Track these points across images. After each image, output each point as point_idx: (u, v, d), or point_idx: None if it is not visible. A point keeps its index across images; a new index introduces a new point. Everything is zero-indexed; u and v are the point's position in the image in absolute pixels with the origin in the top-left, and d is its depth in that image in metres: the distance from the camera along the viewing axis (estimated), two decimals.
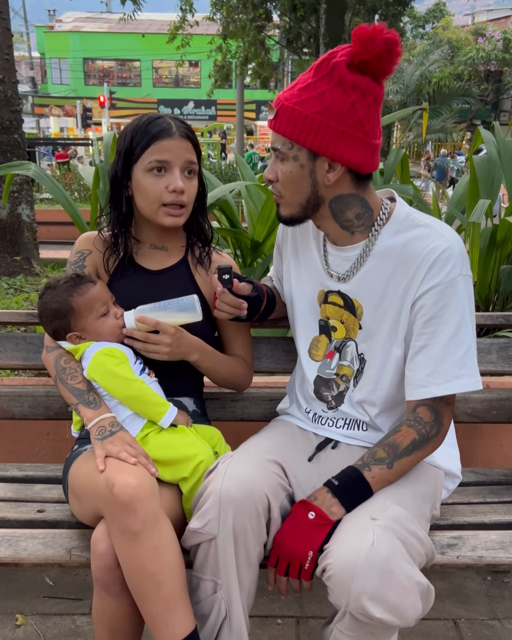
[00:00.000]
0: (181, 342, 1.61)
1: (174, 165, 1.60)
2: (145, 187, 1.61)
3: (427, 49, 27.23)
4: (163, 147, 1.58)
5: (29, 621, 2.03)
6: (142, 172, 1.60)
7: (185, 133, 1.62)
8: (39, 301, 1.66)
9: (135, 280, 1.72)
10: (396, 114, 3.78)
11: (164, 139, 1.58)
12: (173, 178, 1.59)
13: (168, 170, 1.60)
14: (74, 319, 1.61)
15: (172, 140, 1.59)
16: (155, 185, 1.60)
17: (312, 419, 1.70)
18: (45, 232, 7.79)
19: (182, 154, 1.60)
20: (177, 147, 1.59)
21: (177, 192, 1.60)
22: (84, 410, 1.55)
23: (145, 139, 1.59)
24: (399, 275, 1.49)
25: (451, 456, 1.69)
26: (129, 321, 1.61)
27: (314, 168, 1.43)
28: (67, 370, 1.61)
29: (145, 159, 1.59)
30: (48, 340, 1.69)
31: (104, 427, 1.51)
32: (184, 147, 1.61)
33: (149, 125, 1.60)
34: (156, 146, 1.58)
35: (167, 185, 1.59)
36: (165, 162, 1.59)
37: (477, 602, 2.16)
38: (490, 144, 3.62)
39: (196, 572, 1.47)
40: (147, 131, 1.59)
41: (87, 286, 1.62)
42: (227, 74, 16.18)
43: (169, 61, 37.26)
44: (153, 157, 1.58)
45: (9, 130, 5.87)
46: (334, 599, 1.33)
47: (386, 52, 1.33)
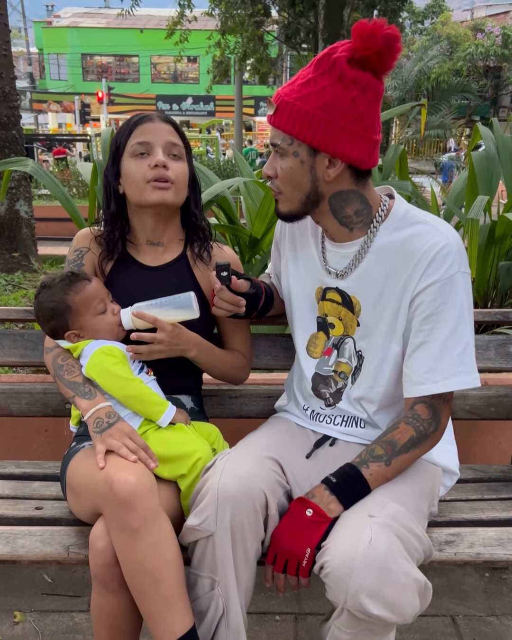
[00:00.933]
0: (179, 339, 1.61)
1: (155, 145, 1.63)
2: (130, 171, 1.64)
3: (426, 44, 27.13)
4: (143, 130, 1.64)
5: (28, 618, 2.03)
6: (128, 159, 1.64)
7: (166, 118, 1.67)
8: (35, 301, 1.66)
9: (133, 277, 1.72)
10: (394, 110, 3.77)
11: (143, 123, 1.64)
12: (154, 154, 1.62)
13: (151, 151, 1.63)
14: (71, 317, 1.60)
15: (151, 124, 1.64)
16: (138, 166, 1.63)
17: (310, 416, 1.70)
18: (44, 228, 7.78)
19: (163, 135, 1.64)
20: (158, 129, 1.64)
21: (159, 166, 1.61)
22: (79, 401, 1.54)
23: (127, 129, 1.65)
24: (398, 272, 1.48)
25: (448, 453, 1.69)
26: (126, 318, 1.61)
27: (314, 164, 1.42)
28: (64, 367, 1.61)
29: (129, 145, 1.64)
30: (47, 342, 1.69)
31: (101, 419, 1.50)
32: (165, 128, 1.65)
33: (131, 118, 1.68)
34: (137, 131, 1.64)
35: (150, 163, 1.62)
36: (146, 143, 1.62)
37: (475, 599, 2.16)
38: (488, 140, 3.61)
39: (194, 569, 1.47)
40: (127, 124, 1.66)
41: (82, 284, 1.62)
42: (226, 69, 16.15)
43: (167, 57, 37.10)
44: (135, 141, 1.63)
45: (6, 126, 5.85)
46: (332, 596, 1.33)
47: (386, 48, 1.33)
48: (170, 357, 1.64)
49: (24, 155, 6.01)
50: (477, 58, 30.08)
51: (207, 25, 18.62)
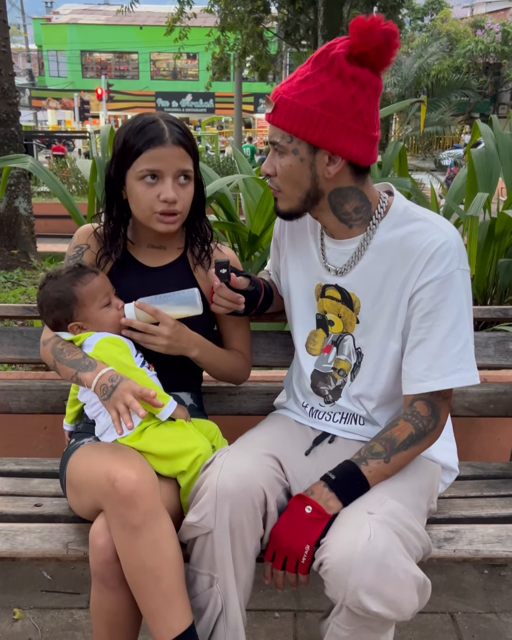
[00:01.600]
0: (180, 336, 1.61)
1: (165, 175, 1.56)
2: (137, 195, 1.58)
3: (425, 41, 27.11)
4: (154, 156, 1.53)
5: (27, 615, 2.03)
6: (135, 179, 1.57)
7: (178, 139, 1.55)
8: (39, 291, 1.65)
9: (134, 276, 1.71)
10: (393, 107, 3.77)
11: (155, 148, 1.53)
12: (165, 187, 1.55)
13: (160, 178, 1.56)
14: (76, 308, 1.60)
15: (164, 149, 1.53)
16: (146, 194, 1.57)
17: (310, 413, 1.70)
18: (43, 225, 7.76)
19: (175, 163, 1.55)
20: (170, 156, 1.54)
21: (168, 202, 1.57)
22: (83, 375, 1.51)
23: (136, 146, 1.54)
24: (397, 269, 1.48)
25: (448, 450, 1.69)
26: (130, 313, 1.61)
27: (314, 161, 1.42)
28: (64, 349, 1.59)
29: (137, 167, 1.55)
30: (44, 335, 1.68)
31: (106, 385, 1.48)
32: (177, 154, 1.55)
33: (142, 130, 1.54)
34: (147, 154, 1.53)
35: (159, 194, 1.56)
36: (156, 171, 1.55)
37: (474, 596, 2.16)
38: (488, 137, 3.61)
39: (193, 566, 1.47)
40: (138, 137, 1.54)
41: (90, 276, 1.62)
42: (225, 66, 16.13)
43: (166, 53, 37.10)
44: (144, 167, 1.54)
45: (5, 123, 5.83)
46: (331, 593, 1.33)
47: (384, 44, 1.33)
48: (171, 355, 1.64)
49: (23, 152, 6.00)
50: (477, 55, 30.04)
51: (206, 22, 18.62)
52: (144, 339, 1.60)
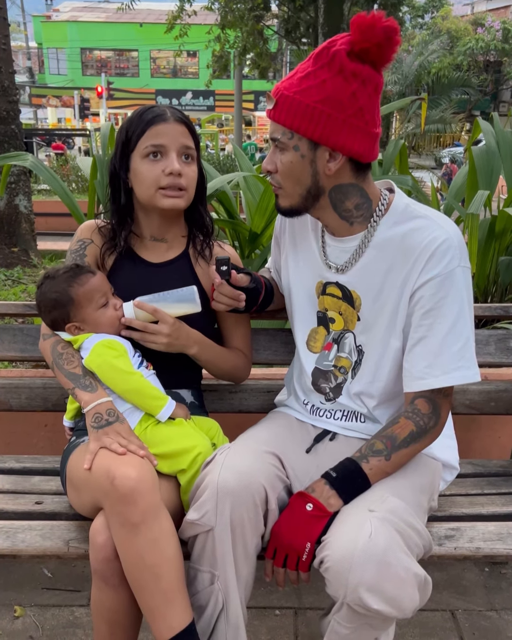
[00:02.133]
0: (180, 334, 1.61)
1: (169, 149, 1.59)
2: (142, 173, 1.60)
3: (426, 39, 27.05)
4: (158, 131, 1.58)
5: (28, 612, 2.03)
6: (139, 159, 1.60)
7: (180, 118, 1.62)
8: (37, 291, 1.65)
9: (135, 273, 1.71)
10: (394, 104, 3.76)
11: (158, 124, 1.59)
12: (169, 161, 1.59)
13: (164, 154, 1.59)
14: (73, 309, 1.60)
15: (167, 125, 1.59)
16: (152, 170, 1.59)
17: (310, 410, 1.70)
18: (43, 223, 7.76)
19: (178, 138, 1.60)
20: (172, 131, 1.59)
21: (174, 174, 1.59)
22: (80, 393, 1.54)
23: (140, 127, 1.60)
24: (398, 266, 1.48)
25: (448, 448, 1.69)
26: (128, 312, 1.61)
27: (314, 158, 1.42)
28: (63, 355, 1.60)
29: (141, 145, 1.59)
30: (44, 329, 1.68)
31: (101, 415, 1.50)
32: (180, 131, 1.61)
33: (144, 113, 1.61)
34: (151, 131, 1.59)
35: (164, 168, 1.59)
36: (160, 146, 1.58)
37: (475, 593, 2.16)
38: (489, 135, 3.60)
39: (193, 564, 1.47)
40: (141, 119, 1.60)
41: (86, 277, 1.61)
42: (226, 64, 16.10)
43: (167, 51, 37.13)
44: (148, 142, 1.59)
45: (6, 120, 5.83)
46: (332, 591, 1.33)
47: (386, 40, 1.33)
48: (170, 353, 1.63)
49: (23, 149, 6.00)
50: (477, 52, 30.00)
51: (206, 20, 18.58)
52: (144, 337, 1.60)
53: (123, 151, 1.63)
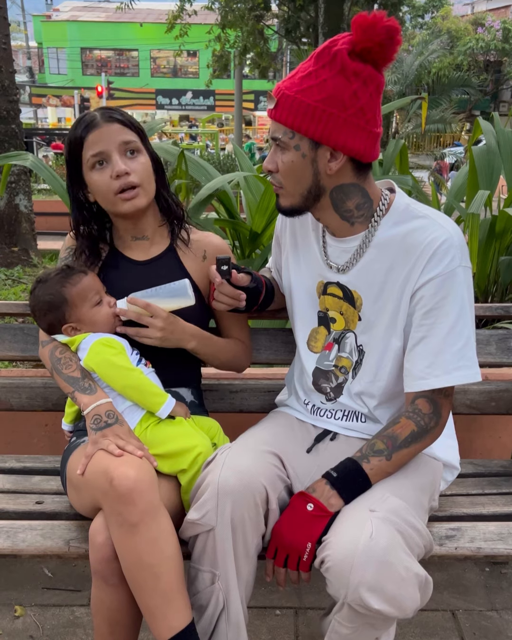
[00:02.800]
0: (175, 328, 1.61)
1: (110, 152, 1.58)
2: (96, 184, 1.60)
3: (426, 38, 27.02)
4: (93, 140, 1.57)
5: (28, 612, 2.03)
6: (89, 171, 1.60)
7: (110, 117, 1.59)
8: (30, 296, 1.66)
9: (124, 273, 1.71)
10: (394, 103, 3.76)
11: (91, 132, 1.58)
12: (113, 164, 1.58)
13: (107, 159, 1.59)
14: (68, 309, 1.60)
15: (99, 130, 1.57)
16: (101, 179, 1.59)
17: (311, 410, 1.70)
18: (43, 222, 7.77)
19: (113, 137, 1.58)
20: (106, 134, 1.58)
21: (121, 175, 1.58)
22: (80, 396, 1.54)
23: (77, 141, 1.59)
24: (399, 266, 1.48)
25: (449, 447, 1.69)
26: (122, 307, 1.61)
27: (315, 157, 1.41)
28: (62, 360, 1.61)
29: (85, 159, 1.60)
30: (42, 336, 1.69)
31: (100, 417, 1.50)
32: (113, 130, 1.58)
33: (77, 127, 1.60)
34: (87, 142, 1.58)
35: (111, 173, 1.58)
36: (100, 153, 1.58)
37: (476, 593, 2.16)
38: (489, 134, 3.60)
39: (194, 563, 1.47)
40: (75, 133, 1.60)
41: (79, 276, 1.62)
42: (226, 63, 16.12)
43: (167, 51, 37.10)
44: (89, 154, 1.58)
45: (6, 120, 5.84)
46: (333, 591, 1.33)
47: (387, 40, 1.33)
48: (168, 349, 1.63)
49: (23, 149, 6.00)
50: (477, 52, 30.00)
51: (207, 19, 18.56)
52: (138, 333, 1.60)
53: (72, 171, 1.64)
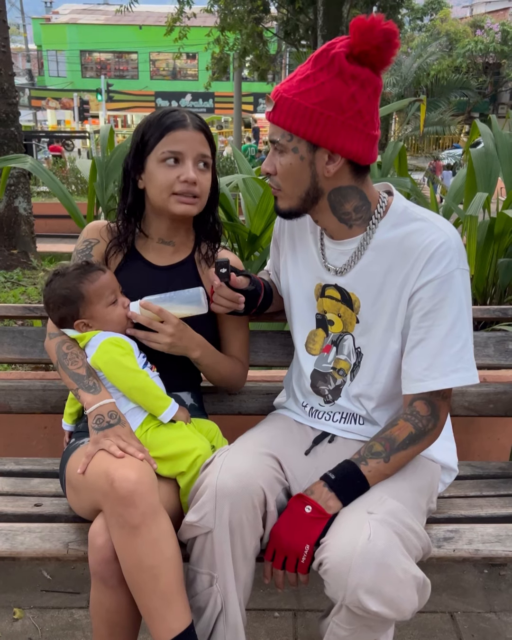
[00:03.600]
0: (184, 335, 1.61)
1: (186, 157, 1.59)
2: (157, 177, 1.60)
3: (425, 41, 27.09)
4: (176, 138, 1.58)
5: (27, 615, 2.03)
6: (156, 162, 1.60)
7: (199, 126, 1.62)
8: (45, 288, 1.65)
9: (140, 274, 1.72)
10: (392, 105, 3.76)
11: (177, 130, 1.58)
12: (185, 169, 1.59)
13: (181, 161, 1.59)
14: (83, 305, 1.60)
15: (186, 132, 1.59)
16: (167, 175, 1.59)
17: (309, 412, 1.70)
18: (43, 225, 7.77)
19: (196, 146, 1.60)
20: (191, 139, 1.59)
21: (189, 182, 1.59)
22: (83, 394, 1.54)
23: (158, 131, 1.59)
24: (397, 268, 1.48)
25: (447, 450, 1.69)
26: (134, 310, 1.62)
27: (314, 160, 1.42)
28: (68, 355, 1.61)
29: (159, 150, 1.59)
30: (51, 327, 1.68)
31: (102, 417, 1.51)
32: (198, 139, 1.60)
33: (163, 117, 1.60)
34: (169, 137, 1.58)
35: (179, 175, 1.59)
36: (178, 152, 1.58)
37: (474, 595, 2.16)
38: (487, 136, 3.61)
39: (192, 565, 1.47)
40: (160, 123, 1.59)
41: (97, 274, 1.62)
42: (225, 66, 16.13)
43: (166, 53, 37.08)
44: (166, 148, 1.58)
45: (5, 123, 5.84)
46: (331, 593, 1.33)
47: (385, 43, 1.33)
48: (172, 355, 1.64)
49: (22, 152, 6.00)
50: (476, 55, 30.01)
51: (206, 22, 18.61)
52: (148, 337, 1.60)
53: (138, 152, 1.63)
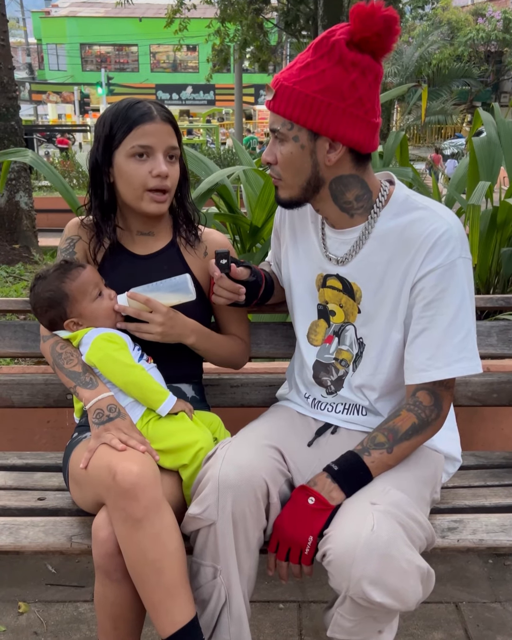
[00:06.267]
0: (175, 323, 1.60)
1: (156, 150, 1.57)
2: (128, 173, 1.58)
3: (426, 30, 26.86)
4: (145, 131, 1.55)
5: (32, 609, 2.04)
6: (124, 157, 1.57)
7: (167, 117, 1.59)
8: (30, 293, 1.66)
9: (125, 267, 1.71)
10: (392, 92, 3.72)
11: (145, 124, 1.55)
12: (156, 163, 1.57)
13: (151, 155, 1.57)
14: (69, 305, 1.60)
15: (154, 125, 1.56)
16: (138, 171, 1.57)
17: (312, 404, 1.69)
18: (44, 219, 7.75)
19: (165, 139, 1.58)
20: (159, 132, 1.57)
21: (162, 176, 1.57)
22: (81, 391, 1.54)
23: (126, 124, 1.55)
24: (399, 258, 1.47)
25: (451, 440, 1.68)
26: (122, 303, 1.61)
27: (314, 148, 1.41)
28: (63, 355, 1.61)
29: (127, 144, 1.56)
30: (43, 331, 1.69)
31: (102, 411, 1.51)
32: (166, 131, 1.58)
33: (129, 110, 1.56)
34: (138, 131, 1.55)
35: (151, 169, 1.57)
36: (147, 147, 1.56)
37: (479, 585, 2.16)
38: (490, 125, 3.59)
39: (196, 558, 1.47)
40: (127, 116, 1.56)
41: (77, 271, 1.62)
42: (226, 58, 16.04)
43: (166, 46, 36.93)
44: (135, 142, 1.55)
45: (5, 117, 5.83)
46: (335, 584, 1.33)
47: (385, 29, 1.32)
48: (169, 344, 1.63)
49: (23, 146, 5.99)
50: (478, 43, 29.81)
51: (206, 13, 18.52)
52: (139, 328, 1.60)
53: (106, 145, 1.59)
